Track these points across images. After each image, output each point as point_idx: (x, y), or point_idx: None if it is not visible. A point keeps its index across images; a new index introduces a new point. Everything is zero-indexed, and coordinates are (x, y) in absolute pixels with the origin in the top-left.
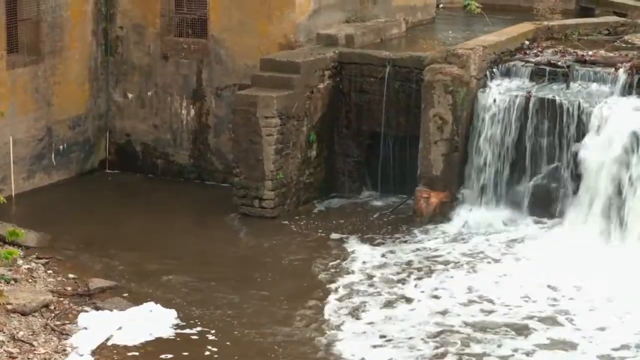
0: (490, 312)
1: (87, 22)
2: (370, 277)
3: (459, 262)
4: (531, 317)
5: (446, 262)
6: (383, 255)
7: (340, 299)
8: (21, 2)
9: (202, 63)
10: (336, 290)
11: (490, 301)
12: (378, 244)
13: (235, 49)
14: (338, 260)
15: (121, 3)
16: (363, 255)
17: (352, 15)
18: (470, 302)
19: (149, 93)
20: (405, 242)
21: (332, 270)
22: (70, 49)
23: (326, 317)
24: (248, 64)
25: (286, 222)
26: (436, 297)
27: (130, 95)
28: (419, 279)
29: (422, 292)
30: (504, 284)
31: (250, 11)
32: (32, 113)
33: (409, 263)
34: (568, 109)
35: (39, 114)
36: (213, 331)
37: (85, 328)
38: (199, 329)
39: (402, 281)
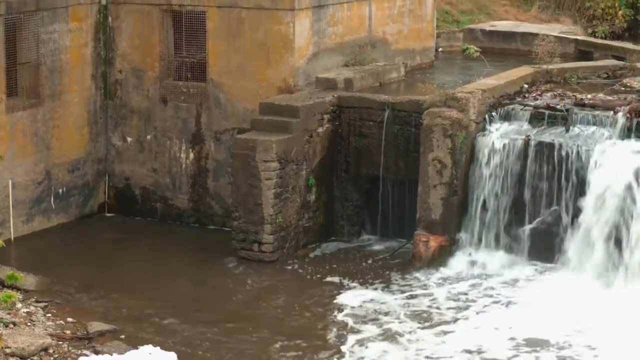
0: None
1: (87, 66)
2: (368, 321)
3: (456, 307)
4: None
5: (444, 307)
6: (381, 299)
7: (338, 342)
8: (21, 45)
9: (201, 107)
10: (335, 333)
11: (485, 352)
12: (376, 288)
13: (234, 93)
14: (336, 303)
15: (120, 47)
16: (361, 298)
17: (351, 59)
18: (466, 351)
19: (148, 137)
20: (404, 286)
21: (330, 314)
22: (69, 92)
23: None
24: (247, 107)
25: (285, 265)
26: (435, 343)
27: (129, 139)
28: (419, 324)
29: (418, 339)
30: (501, 332)
31: (249, 55)
32: (31, 156)
33: (408, 307)
34: (567, 152)
35: (38, 158)
36: None
37: None
38: None
39: (400, 324)
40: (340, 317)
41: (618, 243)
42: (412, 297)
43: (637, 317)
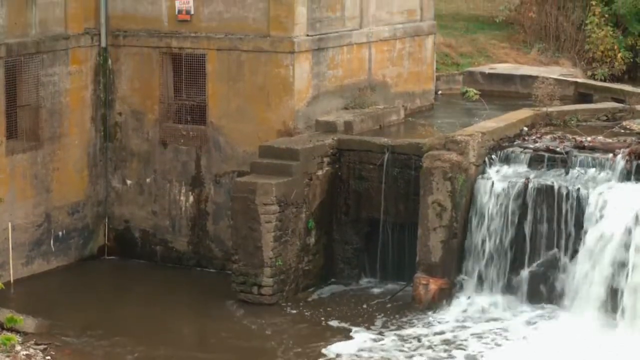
0: None
1: (86, 109)
2: None
3: (455, 350)
4: None
5: (444, 351)
6: (381, 343)
7: None
8: (21, 88)
9: (201, 150)
10: None
11: None
12: (376, 331)
13: (234, 136)
14: (335, 347)
15: (120, 89)
16: (362, 342)
17: (350, 102)
18: None
19: (148, 179)
20: (404, 329)
21: (329, 358)
22: (69, 135)
23: None
24: (247, 150)
25: (285, 308)
26: None
27: (129, 182)
28: None
29: None
30: None
31: (249, 98)
32: (31, 199)
33: (407, 350)
34: (567, 195)
35: (38, 200)
36: None
37: None
38: None
39: None
40: (351, 356)
41: (618, 286)
42: (411, 340)
43: None
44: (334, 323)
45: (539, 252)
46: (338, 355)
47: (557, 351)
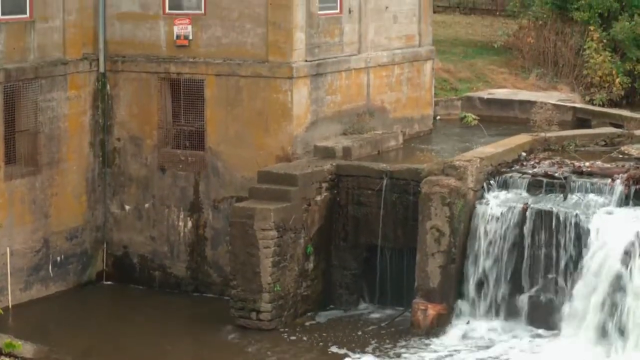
0: None
1: (85, 134)
2: None
3: None
4: None
5: None
6: None
7: None
8: (19, 113)
9: (199, 175)
10: None
11: None
12: (375, 357)
13: (232, 161)
14: None
15: (118, 115)
16: None
17: (349, 127)
18: None
19: (146, 205)
20: (403, 355)
21: None
22: (67, 160)
23: None
24: (245, 176)
25: (283, 334)
26: None
27: (127, 207)
28: None
29: None
30: None
31: (247, 123)
32: (29, 224)
33: None
34: (565, 220)
35: (36, 226)
36: None
37: None
38: None
39: None
40: None
41: (616, 311)
42: None
43: None
44: (332, 349)
45: (537, 277)
46: None
47: None
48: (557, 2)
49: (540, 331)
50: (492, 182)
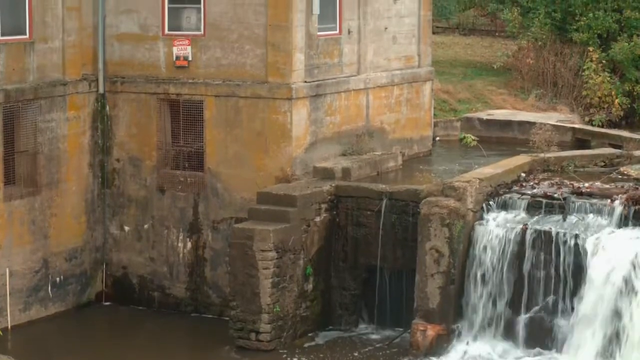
0: None
1: (84, 155)
2: None
3: None
4: None
5: None
6: None
7: None
8: (19, 134)
9: (199, 196)
10: None
11: None
12: None
13: (231, 182)
14: None
15: (118, 136)
16: None
17: (348, 148)
18: None
19: (146, 226)
20: None
21: None
22: (67, 181)
23: None
24: (245, 197)
25: (283, 355)
26: None
27: (126, 228)
28: None
29: None
30: None
31: (247, 144)
32: (28, 245)
33: None
34: (565, 241)
35: (36, 246)
36: None
37: None
38: None
39: None
40: None
41: (616, 332)
42: None
43: None
44: None
45: (537, 298)
46: None
47: None
48: (556, 23)
49: (539, 352)
50: (491, 203)
